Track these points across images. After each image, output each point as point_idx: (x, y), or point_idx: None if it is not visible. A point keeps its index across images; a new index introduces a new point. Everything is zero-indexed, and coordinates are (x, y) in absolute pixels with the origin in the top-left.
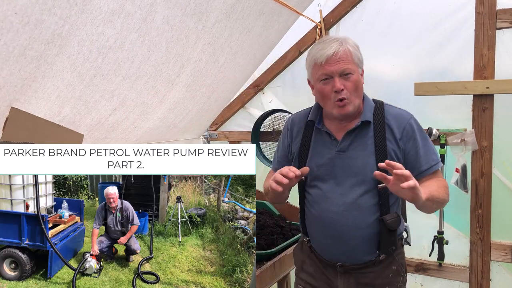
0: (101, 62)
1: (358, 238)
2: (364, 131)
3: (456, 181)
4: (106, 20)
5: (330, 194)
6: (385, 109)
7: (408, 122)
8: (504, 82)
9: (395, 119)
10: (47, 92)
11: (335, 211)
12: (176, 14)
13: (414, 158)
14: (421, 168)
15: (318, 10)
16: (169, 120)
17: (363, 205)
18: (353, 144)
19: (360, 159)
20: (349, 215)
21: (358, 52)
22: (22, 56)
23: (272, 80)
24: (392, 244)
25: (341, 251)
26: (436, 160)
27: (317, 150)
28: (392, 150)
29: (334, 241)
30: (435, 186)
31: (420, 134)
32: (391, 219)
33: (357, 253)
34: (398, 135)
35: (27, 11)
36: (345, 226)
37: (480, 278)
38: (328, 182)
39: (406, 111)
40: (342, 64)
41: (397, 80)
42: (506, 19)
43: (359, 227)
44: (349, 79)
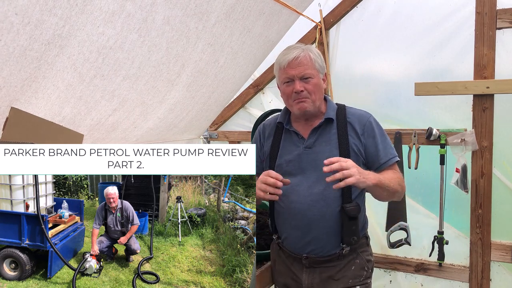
0: (101, 63)
1: (324, 228)
2: (328, 128)
3: (456, 181)
4: (106, 21)
5: (298, 187)
6: (346, 109)
7: (368, 120)
8: (504, 82)
9: (356, 117)
10: (47, 92)
11: (303, 202)
12: (177, 14)
13: (374, 153)
14: (380, 161)
15: (318, 10)
16: (169, 120)
17: (328, 196)
18: (318, 140)
19: (325, 154)
20: (316, 206)
21: (320, 59)
22: (23, 57)
23: (272, 80)
24: (354, 234)
25: (307, 242)
26: (393, 154)
27: (286, 148)
28: (354, 144)
29: (302, 231)
30: (389, 175)
31: (378, 131)
32: (350, 206)
33: (323, 244)
34: (360, 131)
35: (28, 11)
36: (311, 217)
37: (480, 278)
38: (297, 177)
39: (366, 111)
40: (302, 69)
41: (397, 80)
42: (506, 19)
43: (324, 218)
44: (309, 82)
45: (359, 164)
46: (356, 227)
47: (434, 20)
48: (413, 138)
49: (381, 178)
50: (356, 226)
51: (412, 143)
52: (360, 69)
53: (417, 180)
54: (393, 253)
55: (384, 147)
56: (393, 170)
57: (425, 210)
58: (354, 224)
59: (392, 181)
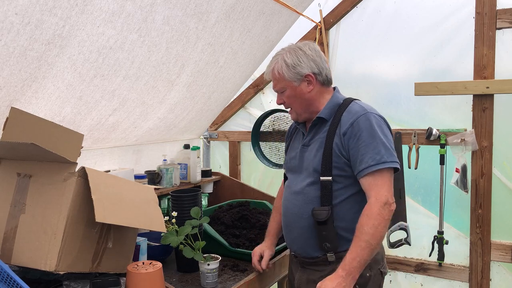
0: (101, 63)
1: (300, 228)
2: (322, 127)
3: (456, 181)
4: (106, 21)
5: (291, 183)
6: (349, 106)
7: (357, 118)
8: (504, 82)
9: (347, 115)
10: (48, 92)
11: (288, 199)
12: (177, 14)
13: (355, 156)
14: (358, 167)
15: (318, 10)
16: (169, 120)
17: (307, 195)
18: (313, 139)
19: (312, 153)
20: (296, 204)
21: (290, 67)
22: (23, 57)
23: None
24: (325, 239)
25: (290, 239)
26: (377, 160)
27: (293, 145)
28: (336, 145)
29: (286, 229)
30: (356, 245)
31: (368, 131)
32: (318, 210)
33: (302, 245)
34: (343, 130)
35: (28, 11)
36: (292, 214)
37: (480, 278)
38: (293, 174)
39: (364, 108)
40: (274, 84)
41: (397, 80)
42: (506, 19)
43: (301, 217)
44: (284, 95)
45: (343, 166)
46: (328, 233)
47: (434, 20)
48: (413, 138)
49: (354, 265)
50: (328, 232)
51: (412, 143)
52: (360, 69)
53: (417, 180)
54: (393, 253)
55: (366, 151)
56: (373, 184)
57: (425, 210)
58: (325, 229)
59: (364, 251)
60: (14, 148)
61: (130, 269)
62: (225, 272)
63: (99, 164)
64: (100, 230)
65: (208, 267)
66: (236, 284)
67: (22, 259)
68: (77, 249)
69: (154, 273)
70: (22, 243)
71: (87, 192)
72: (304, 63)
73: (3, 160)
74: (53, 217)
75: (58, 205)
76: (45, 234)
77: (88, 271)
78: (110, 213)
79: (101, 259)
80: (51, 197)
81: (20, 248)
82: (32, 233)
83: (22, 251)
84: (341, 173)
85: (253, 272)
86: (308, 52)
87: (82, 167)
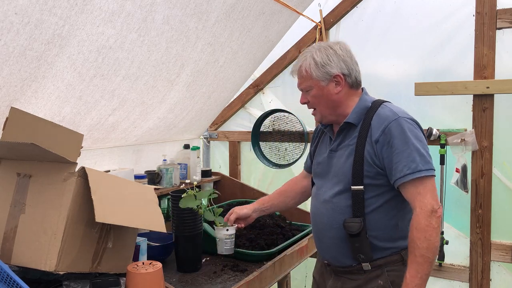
0: (101, 62)
1: (331, 238)
2: (351, 132)
3: (456, 181)
4: (106, 20)
5: (319, 191)
6: (378, 109)
7: (389, 124)
8: (504, 82)
9: (378, 120)
10: (47, 92)
11: (317, 206)
12: (176, 14)
13: (389, 165)
14: (393, 176)
15: (318, 10)
16: (169, 120)
17: (337, 204)
18: (341, 144)
19: (341, 159)
20: (325, 213)
21: (319, 66)
22: (22, 56)
23: (272, 80)
24: (359, 251)
25: (321, 248)
26: (412, 168)
27: (320, 150)
28: (368, 153)
29: (317, 237)
30: (410, 252)
31: (401, 138)
32: (349, 222)
33: (335, 254)
34: (375, 137)
35: (27, 11)
36: (320, 224)
37: (480, 278)
38: (321, 180)
39: (395, 112)
40: (299, 82)
41: (397, 80)
42: (506, 19)
43: (331, 227)
44: (309, 94)
45: (375, 175)
46: (360, 245)
47: (434, 20)
48: None
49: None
50: (361, 243)
51: None
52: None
53: None
54: None
55: (400, 159)
56: (415, 193)
57: None
58: (358, 241)
59: (423, 266)
60: (14, 148)
61: (130, 269)
62: (225, 272)
63: (99, 164)
64: (100, 230)
65: (227, 232)
66: (236, 284)
67: (22, 259)
68: (77, 249)
69: (154, 273)
70: (22, 243)
71: (87, 192)
72: (334, 63)
73: (3, 160)
74: (53, 217)
75: (58, 205)
76: (45, 234)
77: (88, 271)
78: (110, 213)
79: (101, 259)
80: (51, 197)
81: (20, 248)
82: (32, 233)
83: (22, 251)
84: (373, 182)
85: (253, 272)
86: (339, 51)
87: (82, 167)
